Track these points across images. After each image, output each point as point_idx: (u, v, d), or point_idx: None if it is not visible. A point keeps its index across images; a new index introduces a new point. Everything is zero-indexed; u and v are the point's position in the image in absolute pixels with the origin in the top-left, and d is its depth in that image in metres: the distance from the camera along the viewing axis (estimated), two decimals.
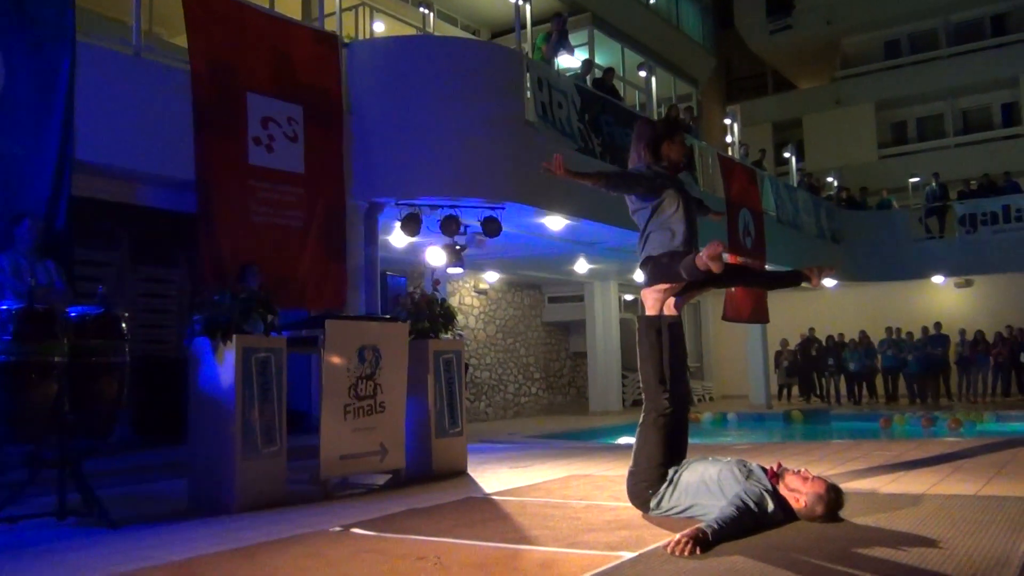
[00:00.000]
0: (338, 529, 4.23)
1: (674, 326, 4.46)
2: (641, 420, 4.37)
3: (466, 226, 9.52)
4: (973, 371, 17.38)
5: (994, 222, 18.34)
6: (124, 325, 4.79)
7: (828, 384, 18.46)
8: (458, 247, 9.76)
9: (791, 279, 4.40)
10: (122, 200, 7.25)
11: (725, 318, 14.07)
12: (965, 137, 24.51)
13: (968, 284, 19.58)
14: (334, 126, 8.00)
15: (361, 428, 5.79)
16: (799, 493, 3.86)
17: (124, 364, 4.73)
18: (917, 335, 17.71)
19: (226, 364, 5.20)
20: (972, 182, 19.87)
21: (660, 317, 4.38)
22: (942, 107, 24.97)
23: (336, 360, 5.69)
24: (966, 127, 24.94)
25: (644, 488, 4.24)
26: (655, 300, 4.39)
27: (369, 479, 6.12)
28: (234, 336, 5.19)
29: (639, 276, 4.58)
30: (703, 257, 3.95)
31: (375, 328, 6.03)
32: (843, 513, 3.89)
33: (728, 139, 17.38)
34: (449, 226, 9.21)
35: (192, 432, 5.38)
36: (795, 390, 18.98)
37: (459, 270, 10.09)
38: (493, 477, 6.25)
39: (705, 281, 4.34)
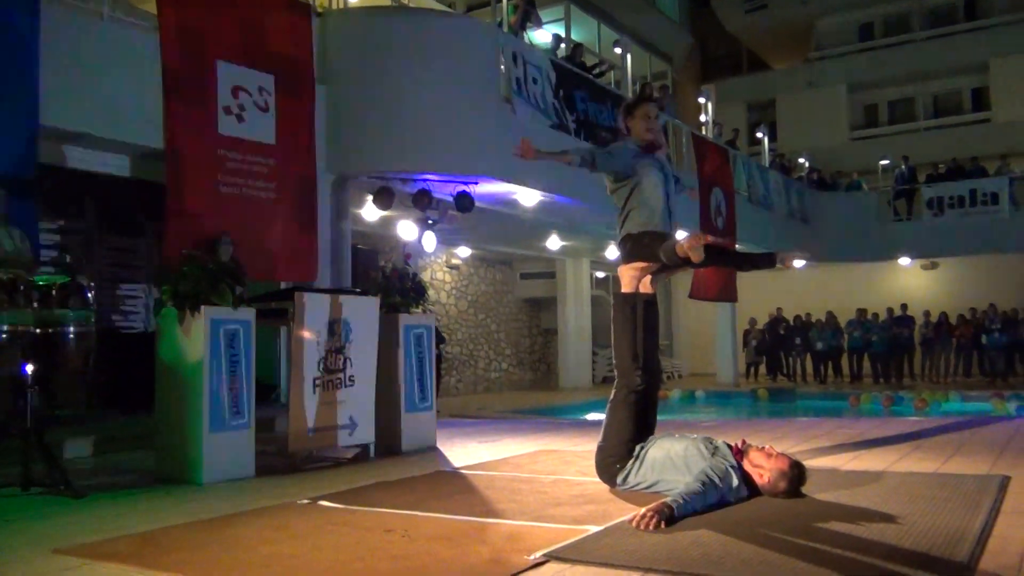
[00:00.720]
0: (305, 501, 4.23)
1: (649, 304, 4.49)
2: (612, 396, 4.40)
3: (439, 200, 9.48)
4: (936, 352, 17.68)
5: (960, 206, 18.59)
6: (90, 295, 4.73)
7: (795, 363, 18.70)
8: (430, 221, 9.72)
9: (764, 261, 4.43)
10: (89, 168, 7.13)
11: (692, 296, 14.17)
12: (935, 121, 24.75)
13: (933, 266, 19.88)
14: (306, 97, 7.91)
15: (330, 402, 5.78)
16: (763, 469, 3.92)
17: (90, 334, 4.68)
18: (883, 316, 17.97)
19: (193, 336, 5.15)
20: (940, 166, 20.09)
21: (636, 294, 4.40)
22: (913, 91, 25.18)
23: (306, 333, 5.66)
24: (936, 111, 25.18)
25: (612, 463, 4.28)
26: (631, 277, 4.42)
27: (338, 453, 6.11)
28: (202, 307, 5.14)
29: (612, 253, 4.62)
30: (684, 245, 3.96)
31: (345, 302, 6.00)
32: (805, 489, 3.95)
33: (702, 118, 17.41)
34: (421, 200, 9.16)
35: (159, 403, 5.34)
36: (762, 369, 19.19)
37: (431, 245, 10.05)
38: (462, 451, 6.27)
39: (682, 262, 4.37)
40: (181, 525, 3.77)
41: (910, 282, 19.97)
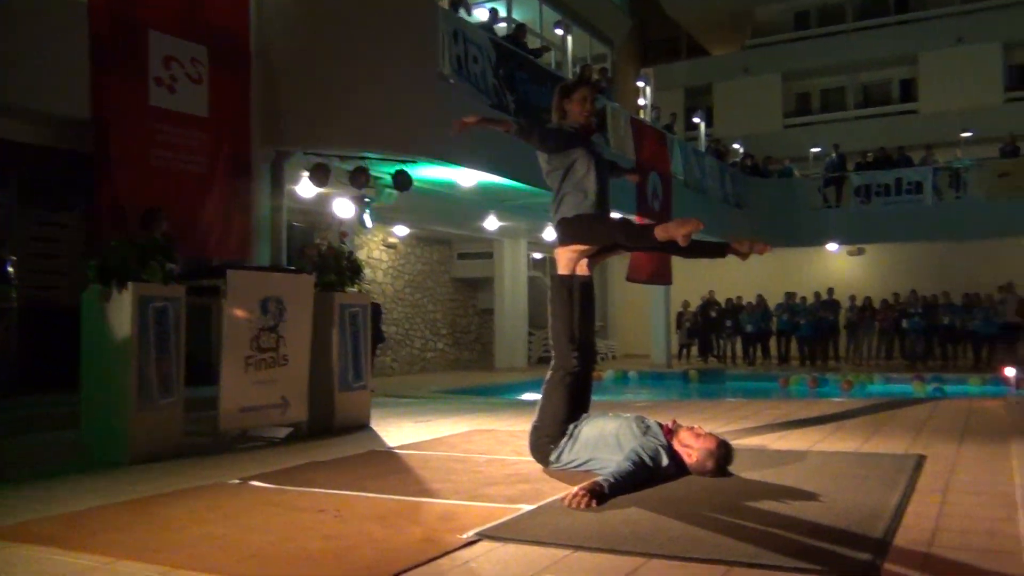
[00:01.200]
0: (236, 482, 4.19)
1: (585, 286, 4.53)
2: (548, 376, 4.44)
3: (376, 178, 9.40)
4: (860, 335, 18.25)
5: (887, 194, 19.13)
6: (11, 269, 4.57)
7: (725, 345, 19.09)
8: (367, 200, 9.64)
9: (714, 251, 4.44)
10: (11, 138, 6.87)
11: (629, 279, 14.33)
12: (864, 111, 25.39)
13: (860, 252, 20.46)
14: (241, 70, 7.73)
15: (263, 381, 5.71)
16: (692, 449, 4.01)
17: (10, 310, 4.53)
18: (811, 300, 18.44)
19: (121, 312, 5.03)
20: (869, 154, 20.62)
21: (572, 276, 4.44)
22: (844, 80, 25.78)
23: (238, 311, 5.58)
24: (866, 100, 25.84)
25: (546, 443, 4.32)
26: (568, 260, 4.45)
27: (270, 432, 6.05)
28: (130, 284, 5.01)
29: (549, 235, 4.66)
30: (673, 231, 3.96)
31: (279, 280, 5.94)
32: (732, 468, 4.06)
33: (641, 102, 17.56)
34: (358, 178, 9.08)
35: (85, 381, 5.20)
36: (694, 350, 19.55)
37: (368, 223, 9.96)
38: (396, 431, 6.25)
39: (620, 244, 4.42)
40: (108, 506, 3.69)
41: (837, 267, 20.52)
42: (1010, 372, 12.62)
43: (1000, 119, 22.03)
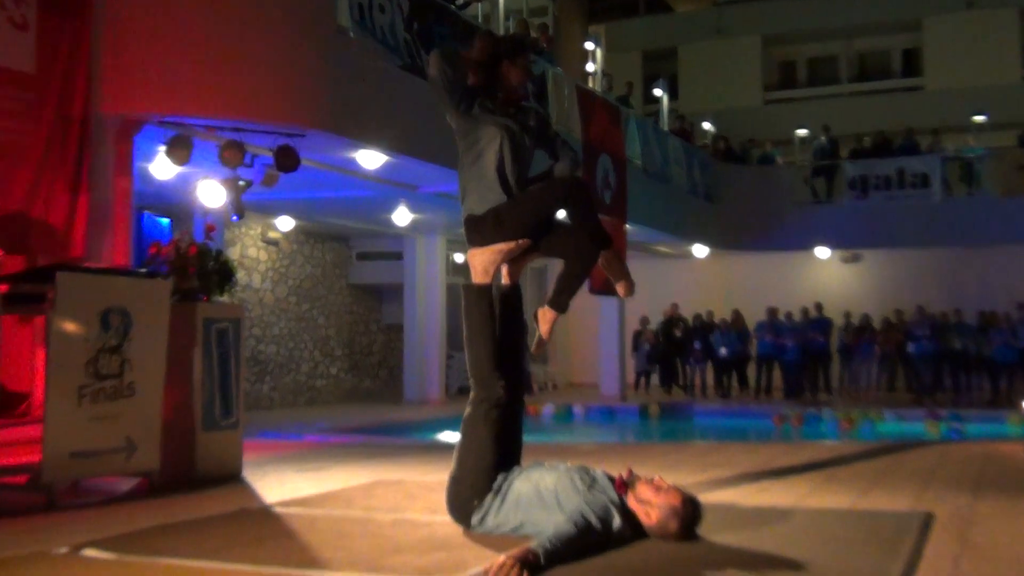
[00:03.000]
0: (65, 550, 4.09)
1: (510, 296, 4.55)
2: (468, 412, 4.43)
3: (254, 156, 9.29)
4: (856, 362, 18.68)
5: (886, 187, 19.64)
6: None
7: (693, 372, 19.34)
8: (242, 183, 9.51)
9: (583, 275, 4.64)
10: None
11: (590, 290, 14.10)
12: (861, 85, 26.13)
13: (855, 259, 20.95)
14: (79, 15, 7.55)
15: (102, 417, 5.59)
16: (650, 506, 4.03)
17: None
18: (798, 317, 18.77)
19: None
20: (865, 139, 21.14)
21: (492, 285, 4.46)
22: (837, 47, 26.51)
23: (70, 326, 5.45)
24: (862, 73, 26.59)
25: (468, 498, 4.31)
26: (486, 264, 4.45)
27: (111, 484, 5.95)
28: None
29: None
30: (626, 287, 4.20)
31: (125, 285, 5.86)
32: (700, 530, 4.10)
33: (589, 68, 17.72)
34: (231, 155, 8.97)
35: None
36: (655, 379, 19.76)
37: (241, 213, 9.83)
38: (276, 483, 6.20)
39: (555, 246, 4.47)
40: None
41: (829, 277, 20.98)
42: None
43: (1018, 100, 22.85)
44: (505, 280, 4.59)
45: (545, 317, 4.61)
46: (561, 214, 4.53)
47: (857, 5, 25.27)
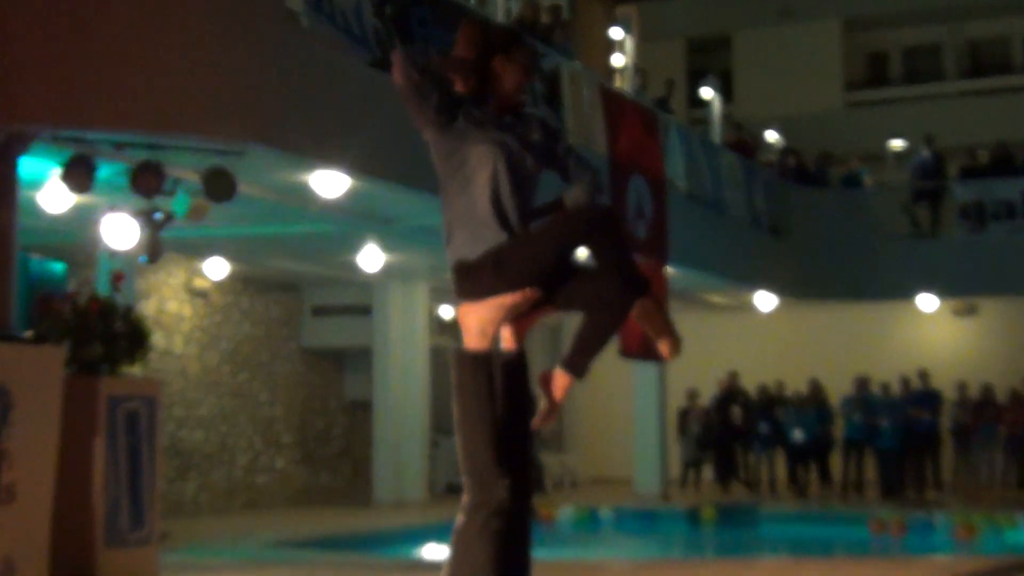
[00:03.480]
0: None
1: (514, 365, 4.52)
2: (460, 522, 4.40)
3: (176, 182, 9.34)
4: (974, 447, 18.54)
5: (1010, 216, 19.60)
6: None
7: (758, 463, 19.23)
8: (160, 216, 9.56)
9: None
10: None
11: (622, 354, 13.97)
12: (973, 82, 26.18)
13: (971, 311, 20.90)
14: None
15: None
16: None
17: None
18: (896, 390, 18.67)
19: None
20: (980, 152, 21.16)
21: (490, 353, 4.44)
22: (940, 34, 26.62)
23: None
24: (975, 67, 26.66)
25: None
26: (482, 323, 4.44)
27: None
28: None
29: None
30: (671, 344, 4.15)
31: (2, 353, 5.89)
32: None
33: (616, 61, 17.83)
34: (145, 180, 9.01)
35: None
36: (708, 471, 19.64)
37: (158, 255, 9.88)
38: None
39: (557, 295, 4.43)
40: None
41: (936, 335, 20.92)
42: None
43: None
44: (507, 344, 4.55)
45: (558, 382, 4.56)
46: (581, 252, 4.51)
47: None
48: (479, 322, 4.45)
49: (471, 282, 4.44)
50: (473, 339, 4.45)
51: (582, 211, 4.56)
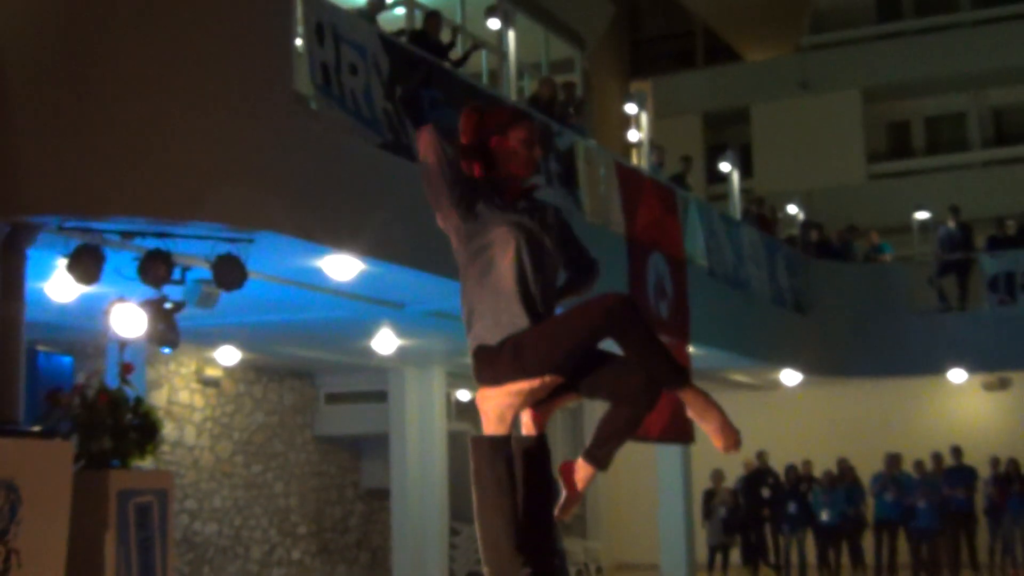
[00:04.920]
0: None
1: (533, 453, 4.49)
2: None
3: (185, 270, 9.35)
4: (1007, 524, 18.33)
5: None
6: None
7: (788, 545, 19.05)
8: (169, 305, 9.56)
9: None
10: None
11: (637, 437, 14.13)
12: (998, 151, 26.22)
13: (1003, 385, 20.77)
14: None
15: None
16: None
17: None
18: (930, 467, 18.53)
19: None
20: (1008, 223, 21.14)
21: (510, 437, 4.41)
22: (964, 102, 26.71)
23: None
24: (999, 134, 26.72)
25: None
26: (500, 409, 4.42)
27: None
28: None
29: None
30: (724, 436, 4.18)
31: (10, 449, 5.87)
32: None
33: (632, 137, 17.91)
34: (154, 269, 9.02)
35: None
36: (735, 554, 19.48)
37: (170, 345, 9.86)
38: None
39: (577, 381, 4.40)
40: None
41: (967, 411, 20.78)
42: None
43: None
44: (527, 430, 4.52)
45: (580, 473, 4.54)
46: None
47: (989, 42, 25.37)
48: (497, 408, 4.44)
49: (490, 367, 4.44)
50: (491, 425, 4.44)
51: (601, 300, 4.50)
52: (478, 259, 4.45)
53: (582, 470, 4.52)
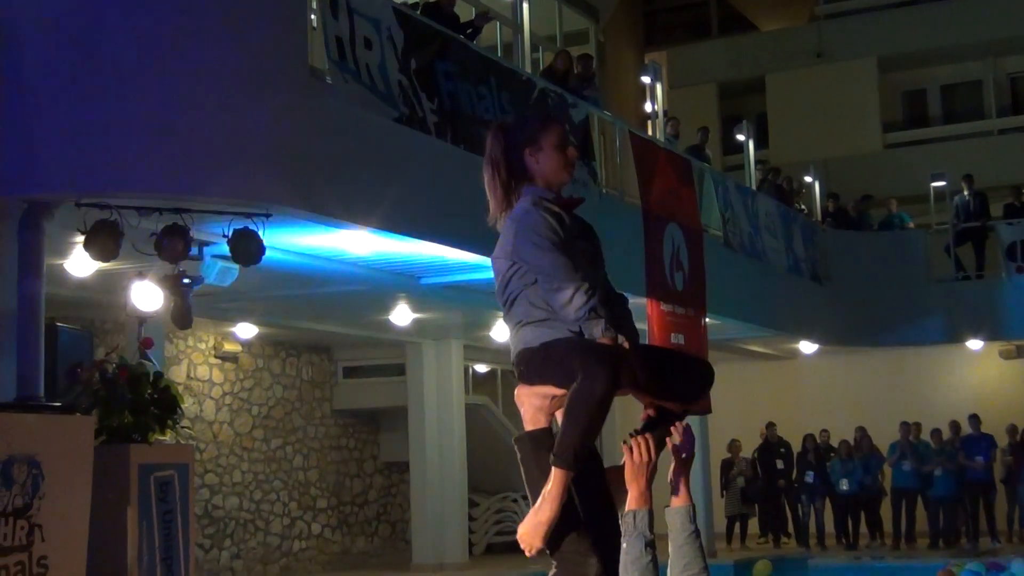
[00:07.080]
0: None
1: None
2: None
3: (202, 246, 9.37)
4: (1022, 490, 18.33)
5: None
6: None
7: (806, 514, 19.06)
8: (187, 280, 9.58)
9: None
10: None
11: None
12: (1015, 119, 26.08)
13: (1020, 353, 20.71)
14: None
15: None
16: None
17: None
18: (947, 434, 18.51)
19: None
20: None
21: (550, 430, 4.42)
22: (980, 70, 26.54)
23: None
24: (1016, 102, 26.57)
25: None
26: (533, 409, 4.44)
27: None
28: None
29: (499, 332, 4.62)
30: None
31: (32, 424, 5.90)
32: None
33: (647, 107, 17.84)
34: (171, 245, 9.03)
35: None
36: (753, 524, 19.48)
37: (188, 320, 9.89)
38: None
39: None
40: None
41: (985, 379, 20.73)
42: None
43: None
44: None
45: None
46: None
47: (1005, 12, 25.23)
48: (531, 407, 4.48)
49: (526, 367, 4.46)
50: (528, 422, 4.49)
51: (602, 376, 4.41)
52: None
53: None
